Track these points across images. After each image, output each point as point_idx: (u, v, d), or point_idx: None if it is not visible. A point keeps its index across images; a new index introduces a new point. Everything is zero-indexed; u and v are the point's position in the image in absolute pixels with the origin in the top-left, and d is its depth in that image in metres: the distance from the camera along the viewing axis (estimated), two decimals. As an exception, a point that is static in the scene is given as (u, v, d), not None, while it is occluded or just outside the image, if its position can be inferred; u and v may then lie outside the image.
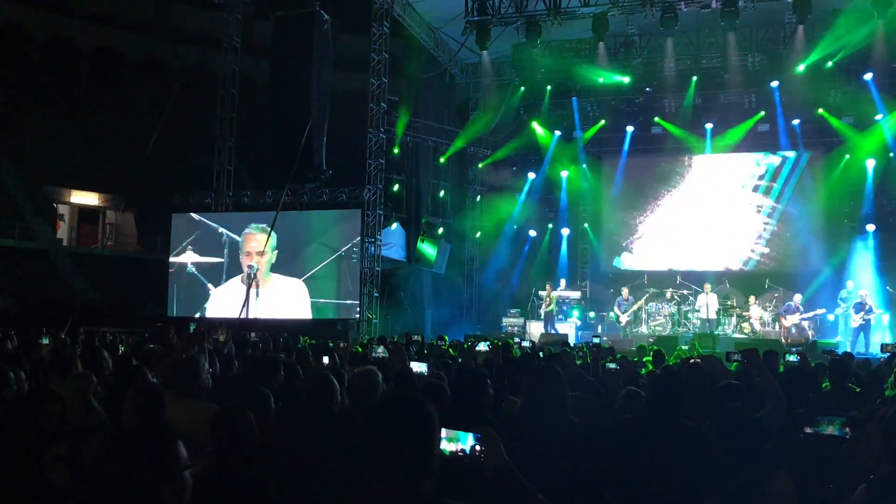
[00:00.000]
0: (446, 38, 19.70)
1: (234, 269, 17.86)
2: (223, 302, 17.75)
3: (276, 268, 17.63)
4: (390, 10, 17.58)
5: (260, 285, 17.20)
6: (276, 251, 17.54)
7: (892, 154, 18.89)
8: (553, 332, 18.06)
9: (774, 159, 20.90)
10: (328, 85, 17.83)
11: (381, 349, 7.58)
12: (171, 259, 18.53)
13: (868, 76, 18.06)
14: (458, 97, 21.54)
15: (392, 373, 5.21)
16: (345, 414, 4.18)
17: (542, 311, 18.67)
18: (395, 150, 18.98)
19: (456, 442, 2.77)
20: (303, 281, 17.38)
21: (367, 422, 2.22)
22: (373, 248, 17.34)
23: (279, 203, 16.14)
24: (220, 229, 18.08)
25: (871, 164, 19.22)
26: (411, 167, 19.80)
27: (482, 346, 8.24)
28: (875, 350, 14.71)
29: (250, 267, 17.04)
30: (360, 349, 10.34)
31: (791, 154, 20.63)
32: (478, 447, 2.70)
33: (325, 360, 6.61)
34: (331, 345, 10.12)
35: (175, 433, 2.58)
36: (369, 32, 17.60)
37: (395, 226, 19.00)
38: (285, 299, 17.37)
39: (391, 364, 5.44)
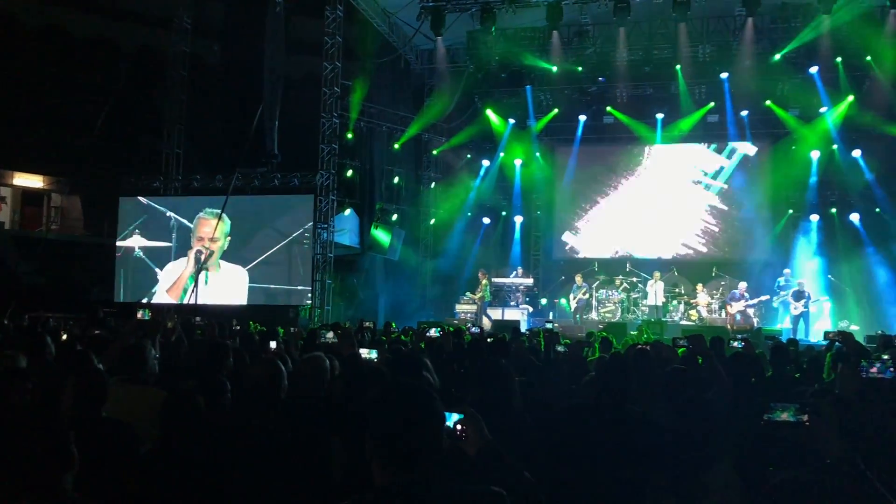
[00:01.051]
0: (401, 24, 19.58)
1: (183, 253, 17.69)
2: (170, 284, 17.60)
3: (226, 252, 17.48)
4: (344, -7, 17.43)
5: (209, 271, 17.03)
6: (229, 238, 17.38)
7: (835, 146, 19.40)
8: (483, 318, 18.16)
9: (724, 149, 21.28)
10: (281, 68, 17.62)
11: (329, 334, 7.56)
12: (118, 243, 18.24)
13: (814, 69, 18.48)
14: (412, 83, 21.41)
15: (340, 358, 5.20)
16: (291, 398, 4.17)
17: (475, 299, 18.76)
18: (349, 136, 18.81)
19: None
20: (254, 265, 17.27)
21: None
22: (325, 234, 17.23)
23: (229, 187, 15.93)
24: (169, 213, 17.84)
25: (815, 155, 19.73)
26: (365, 153, 19.64)
27: (433, 333, 8.26)
28: (816, 337, 15.17)
29: (198, 251, 16.80)
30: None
31: (739, 144, 21.04)
32: (460, 427, 2.65)
33: (272, 344, 6.56)
34: (281, 331, 10.06)
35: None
36: (323, 16, 17.40)
37: (348, 211, 18.87)
38: (232, 286, 17.25)
39: (339, 349, 5.43)
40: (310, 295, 16.84)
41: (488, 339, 9.28)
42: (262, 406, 4.00)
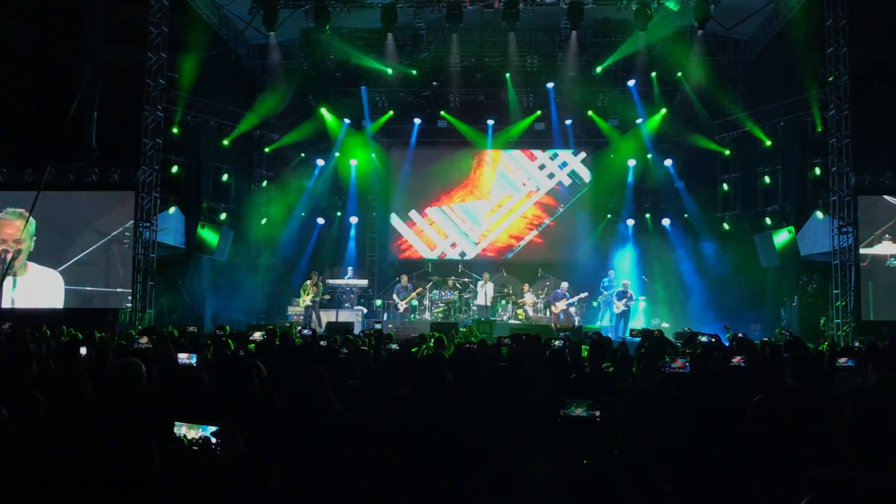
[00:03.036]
0: (232, 17, 18.96)
1: (-15, 255, 16.24)
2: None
3: (36, 253, 16.23)
4: (170, -19, 16.62)
5: (16, 274, 15.75)
6: (35, 238, 16.13)
7: (649, 155, 20.84)
8: (315, 321, 18.07)
9: (550, 156, 22.26)
10: (101, 57, 16.57)
11: (144, 340, 7.19)
12: None
13: (631, 83, 19.72)
14: (244, 78, 20.79)
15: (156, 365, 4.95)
16: (101, 406, 3.92)
17: (306, 301, 18.51)
18: (175, 130, 17.96)
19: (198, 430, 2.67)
20: (68, 266, 16.14)
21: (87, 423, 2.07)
22: (147, 233, 16.35)
23: (41, 182, 14.81)
24: (-31, 210, 16.35)
25: (631, 163, 21.12)
26: (192, 148, 18.78)
27: (257, 336, 8.03)
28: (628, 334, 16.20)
29: (3, 252, 15.51)
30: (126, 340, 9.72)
31: (564, 152, 22.10)
32: (213, 440, 2.62)
33: (83, 350, 6.13)
34: (97, 336, 9.50)
35: None
36: (148, 4, 16.52)
37: (172, 210, 17.97)
38: (45, 290, 16.05)
39: (154, 356, 5.17)
40: (130, 298, 15.95)
41: (321, 342, 9.20)
42: (67, 414, 3.73)
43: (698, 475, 2.86)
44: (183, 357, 5.29)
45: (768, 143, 18.77)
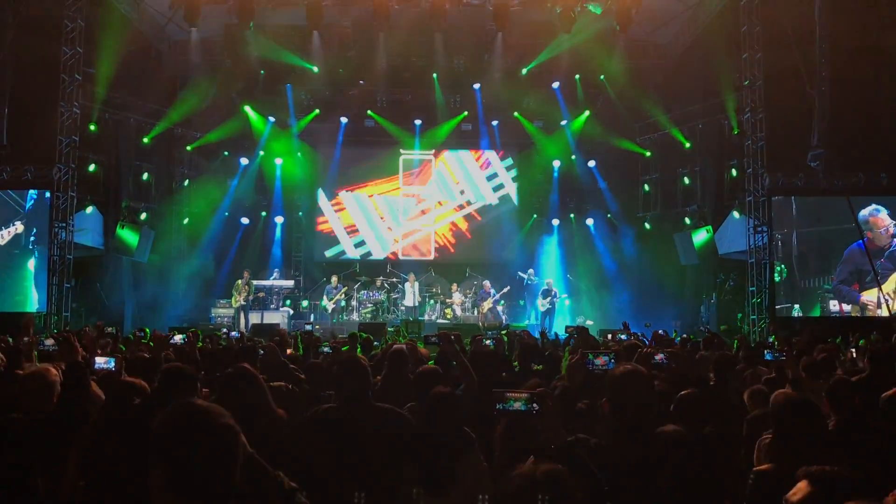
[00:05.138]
0: (152, 11, 18.43)
1: None
2: None
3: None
4: (87, -27, 16.05)
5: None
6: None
7: (573, 157, 21.19)
8: (244, 323, 17.83)
9: (477, 156, 22.41)
10: (12, 50, 15.89)
11: (49, 342, 6.90)
12: None
13: (555, 84, 20.01)
14: (164, 74, 20.20)
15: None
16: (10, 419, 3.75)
17: (239, 301, 18.23)
18: (92, 127, 17.36)
19: None
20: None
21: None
22: (63, 234, 15.77)
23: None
24: None
25: (556, 164, 21.44)
26: (110, 146, 18.21)
27: (177, 339, 7.82)
28: (558, 330, 16.45)
29: None
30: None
31: (491, 153, 22.27)
32: None
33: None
34: (10, 340, 9.09)
35: None
36: (63, -4, 15.92)
37: (90, 209, 17.36)
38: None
39: (60, 358, 4.96)
40: (44, 300, 15.36)
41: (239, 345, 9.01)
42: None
43: (626, 474, 2.91)
44: (100, 361, 5.10)
45: (687, 145, 19.34)
